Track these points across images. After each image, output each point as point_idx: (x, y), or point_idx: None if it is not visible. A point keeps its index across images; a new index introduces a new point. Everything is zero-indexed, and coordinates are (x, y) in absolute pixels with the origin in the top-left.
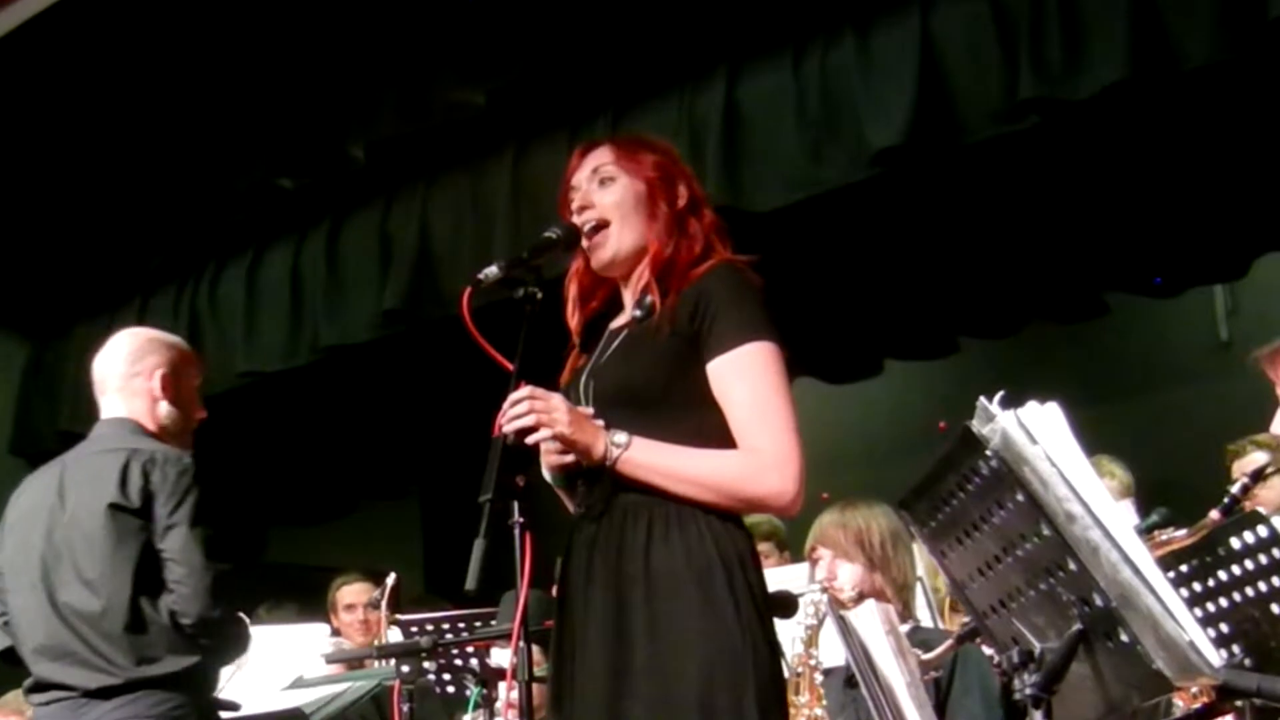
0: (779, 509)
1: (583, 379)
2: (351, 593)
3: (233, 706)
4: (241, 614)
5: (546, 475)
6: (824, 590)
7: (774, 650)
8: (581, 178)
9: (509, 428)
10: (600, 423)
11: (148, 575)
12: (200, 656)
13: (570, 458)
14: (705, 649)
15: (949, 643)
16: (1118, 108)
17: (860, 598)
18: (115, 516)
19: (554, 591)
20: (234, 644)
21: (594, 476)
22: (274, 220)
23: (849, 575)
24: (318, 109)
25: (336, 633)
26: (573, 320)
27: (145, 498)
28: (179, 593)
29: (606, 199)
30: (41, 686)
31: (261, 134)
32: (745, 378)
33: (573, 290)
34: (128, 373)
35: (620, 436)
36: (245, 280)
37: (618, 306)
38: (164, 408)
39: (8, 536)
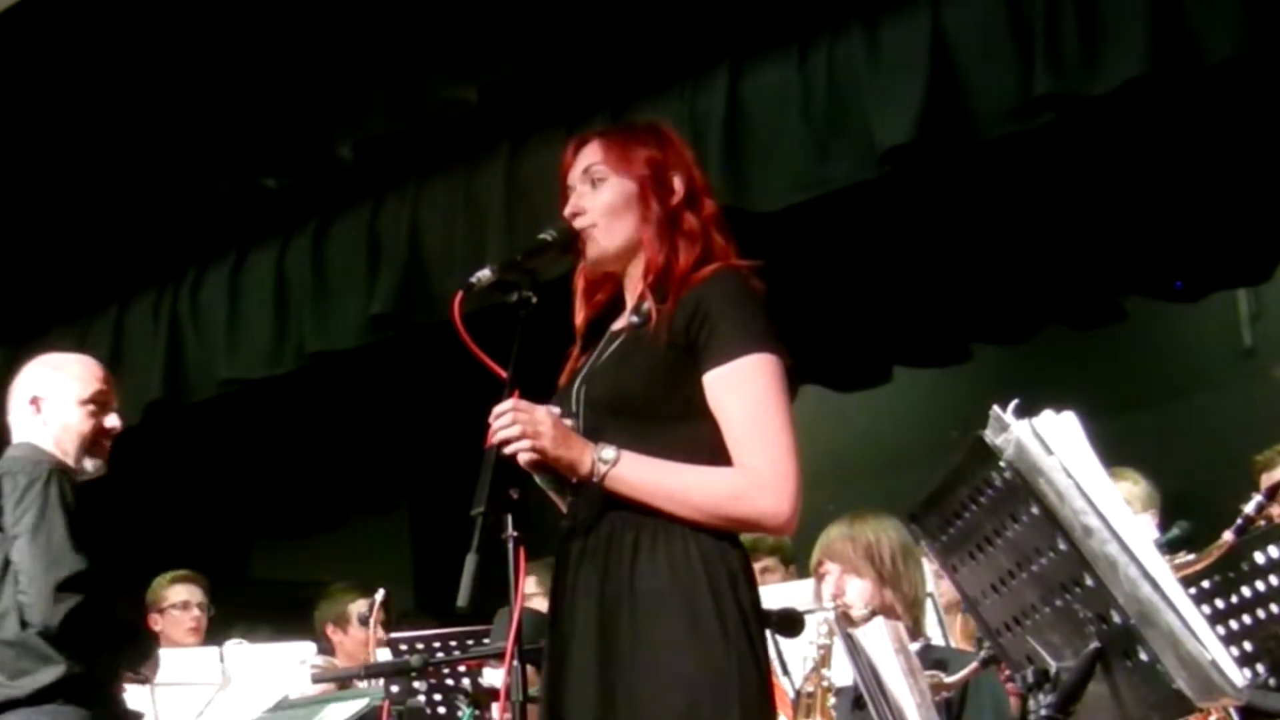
0: (772, 530)
1: (576, 384)
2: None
3: (134, 717)
4: (131, 621)
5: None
6: (836, 607)
7: (762, 673)
8: (575, 177)
9: (493, 440)
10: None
11: (9, 592)
12: (65, 666)
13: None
14: (689, 671)
15: (973, 665)
16: (1136, 104)
17: (873, 615)
18: None
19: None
20: (116, 651)
21: (582, 488)
22: (258, 221)
23: (858, 591)
24: (303, 105)
25: (326, 651)
26: (578, 316)
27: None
28: (23, 602)
29: (596, 201)
30: None
31: (245, 131)
32: (742, 391)
33: (579, 284)
34: (16, 402)
35: (608, 452)
36: (228, 284)
37: (622, 304)
38: (42, 427)
39: None
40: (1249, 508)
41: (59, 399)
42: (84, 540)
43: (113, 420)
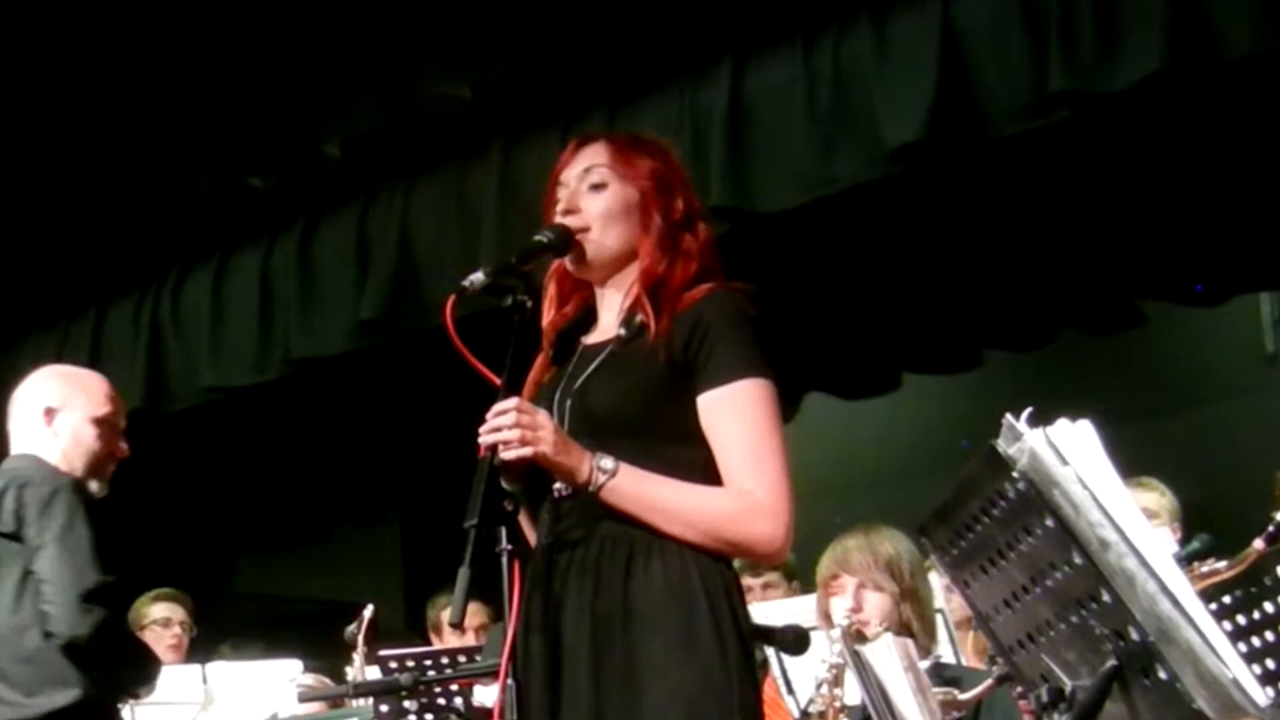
0: (765, 555)
1: (557, 396)
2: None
3: None
4: (140, 640)
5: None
6: (850, 623)
7: (757, 688)
8: (571, 175)
9: (487, 439)
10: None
11: (30, 604)
12: (82, 690)
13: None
14: (688, 686)
15: (987, 684)
16: (1154, 101)
17: (886, 631)
18: None
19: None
20: (125, 670)
21: (562, 503)
22: (243, 222)
23: (876, 605)
24: (290, 102)
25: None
26: (546, 318)
27: (18, 520)
28: (48, 612)
29: (594, 206)
30: None
31: (229, 129)
32: (738, 415)
33: (552, 288)
34: (23, 410)
35: (607, 462)
36: (211, 288)
37: (590, 318)
38: (52, 439)
39: None
40: None
41: (73, 413)
42: (105, 553)
43: (123, 445)
